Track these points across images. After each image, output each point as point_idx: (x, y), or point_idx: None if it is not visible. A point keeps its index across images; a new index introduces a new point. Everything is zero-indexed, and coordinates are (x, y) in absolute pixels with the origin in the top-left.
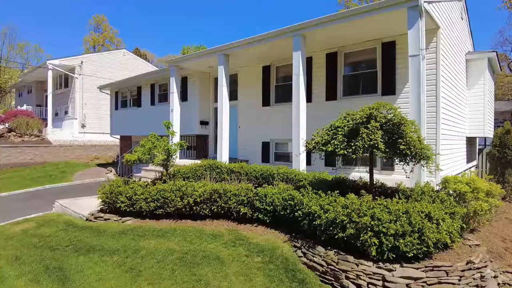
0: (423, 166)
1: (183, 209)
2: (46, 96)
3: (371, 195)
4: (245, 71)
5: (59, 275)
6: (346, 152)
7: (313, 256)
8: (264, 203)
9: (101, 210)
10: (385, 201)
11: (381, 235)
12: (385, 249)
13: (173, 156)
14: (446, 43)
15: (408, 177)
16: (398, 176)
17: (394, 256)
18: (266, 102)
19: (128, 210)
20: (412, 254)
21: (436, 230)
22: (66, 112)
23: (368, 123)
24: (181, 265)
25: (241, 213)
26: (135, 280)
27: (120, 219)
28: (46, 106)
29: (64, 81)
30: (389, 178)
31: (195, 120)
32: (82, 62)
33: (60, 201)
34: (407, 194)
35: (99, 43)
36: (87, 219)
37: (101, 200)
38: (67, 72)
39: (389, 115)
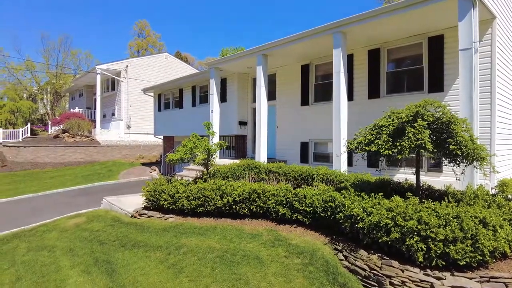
0: (476, 168)
1: (223, 208)
2: (95, 99)
3: (417, 197)
4: (283, 70)
5: (107, 267)
6: (391, 153)
7: (355, 260)
8: (303, 204)
9: (145, 208)
10: (433, 204)
11: (429, 240)
12: (433, 255)
13: (213, 156)
14: (503, 34)
15: (459, 179)
16: (446, 178)
17: (443, 263)
18: (305, 101)
19: (170, 207)
20: (465, 262)
21: (493, 238)
22: (113, 114)
23: (414, 122)
24: (221, 263)
25: (280, 213)
26: (177, 276)
27: (163, 216)
28: (95, 108)
29: (111, 84)
30: (437, 180)
31: (234, 120)
32: (127, 66)
33: (107, 198)
34: (457, 198)
35: (142, 47)
36: (132, 216)
37: (145, 198)
38: (114, 76)
39: (437, 113)
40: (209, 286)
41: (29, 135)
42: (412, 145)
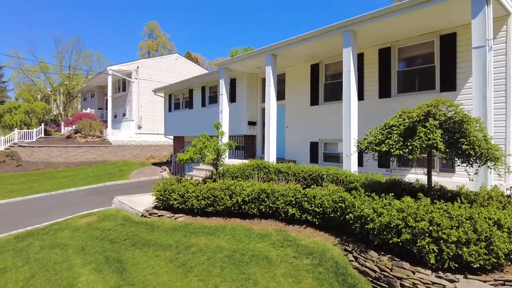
0: (490, 168)
1: (232, 208)
2: (107, 100)
3: (429, 198)
4: (292, 70)
5: (118, 266)
6: (401, 153)
7: (365, 261)
8: (313, 205)
9: (155, 207)
10: (445, 205)
11: (441, 241)
12: (446, 257)
13: (222, 156)
14: None
15: (472, 180)
16: (459, 178)
17: (456, 265)
18: (314, 101)
19: (180, 207)
20: (478, 265)
21: (508, 240)
22: (124, 114)
23: (426, 121)
24: (230, 263)
25: (289, 213)
26: (186, 275)
27: (173, 216)
28: (107, 109)
29: (122, 85)
30: (449, 180)
31: (243, 120)
32: (138, 67)
33: (118, 198)
34: (470, 199)
35: (153, 48)
36: (142, 215)
37: (155, 197)
38: (125, 77)
39: (450, 113)
40: (218, 285)
41: (43, 135)
42: (424, 145)
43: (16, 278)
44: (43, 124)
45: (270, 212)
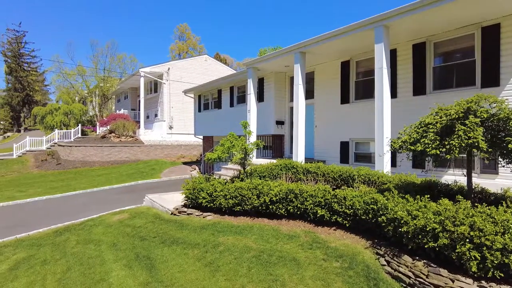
0: None
1: (260, 207)
2: (139, 101)
3: (469, 201)
4: (322, 68)
5: (147, 263)
6: (438, 152)
7: (399, 266)
8: (343, 206)
9: (185, 205)
10: (488, 209)
11: (484, 248)
12: (489, 265)
13: (250, 155)
14: None
15: None
16: (503, 180)
17: (501, 275)
18: (345, 99)
19: (208, 206)
20: None
21: None
22: (155, 115)
23: (465, 119)
24: (257, 263)
25: (318, 215)
26: (213, 274)
27: (201, 214)
28: (139, 109)
29: (154, 86)
30: (492, 182)
31: (271, 120)
32: (168, 68)
33: (149, 196)
34: None
35: (183, 50)
36: (171, 213)
37: (184, 196)
38: (156, 79)
39: (493, 110)
40: (245, 286)
41: (79, 135)
42: (463, 144)
43: (54, 271)
44: (80, 124)
45: (298, 213)
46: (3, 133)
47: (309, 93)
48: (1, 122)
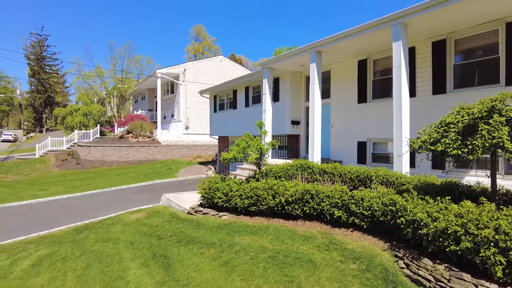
0: None
1: (275, 208)
2: (156, 102)
3: (493, 203)
4: (338, 67)
5: (164, 262)
6: (460, 152)
7: (418, 269)
8: (360, 207)
9: (201, 205)
10: None
11: (510, 253)
12: None
13: (265, 155)
14: None
15: None
16: None
17: None
18: (362, 98)
19: (224, 205)
20: None
21: None
22: (172, 116)
23: (489, 118)
24: (273, 264)
25: (335, 216)
26: (229, 274)
27: (217, 214)
28: (156, 110)
29: (170, 87)
30: None
31: (286, 120)
32: (185, 69)
33: (166, 195)
34: None
35: (199, 51)
36: (188, 213)
37: (200, 195)
38: (173, 79)
39: None
40: (261, 286)
41: (98, 135)
42: (487, 144)
43: (74, 267)
44: (98, 125)
45: (315, 213)
46: (27, 134)
47: (325, 93)
48: (25, 123)
